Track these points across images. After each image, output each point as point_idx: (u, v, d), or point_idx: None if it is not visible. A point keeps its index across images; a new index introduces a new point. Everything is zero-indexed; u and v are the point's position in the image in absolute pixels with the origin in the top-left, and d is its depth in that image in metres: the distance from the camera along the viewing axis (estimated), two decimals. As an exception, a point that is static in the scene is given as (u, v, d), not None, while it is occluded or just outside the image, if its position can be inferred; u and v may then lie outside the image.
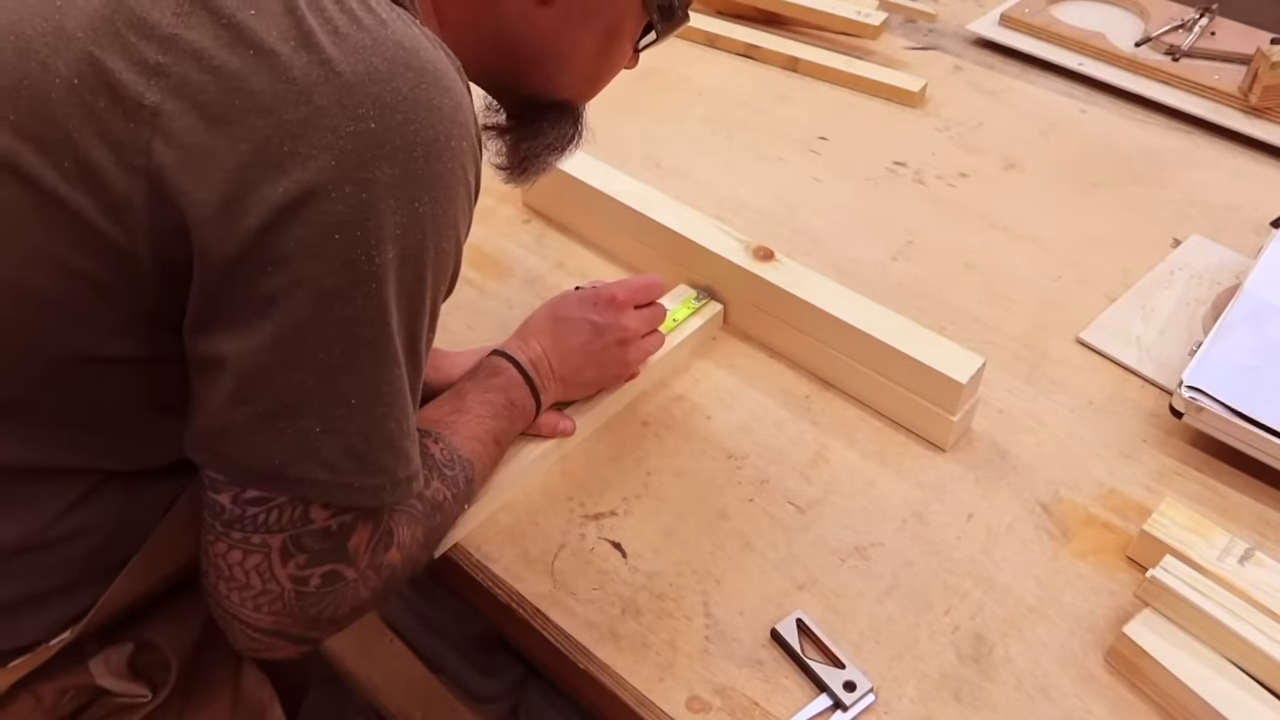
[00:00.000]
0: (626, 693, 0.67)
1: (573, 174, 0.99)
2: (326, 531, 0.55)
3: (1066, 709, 0.66)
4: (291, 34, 0.49)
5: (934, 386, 0.80)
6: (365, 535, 0.57)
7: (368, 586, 0.58)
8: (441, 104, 0.51)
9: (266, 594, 0.55)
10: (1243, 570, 0.69)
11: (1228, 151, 1.19)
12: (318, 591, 0.56)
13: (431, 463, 0.65)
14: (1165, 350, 0.92)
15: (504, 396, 0.74)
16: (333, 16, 0.50)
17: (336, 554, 0.56)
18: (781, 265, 0.89)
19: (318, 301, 0.50)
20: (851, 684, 0.66)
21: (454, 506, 0.66)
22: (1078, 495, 0.80)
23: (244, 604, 0.55)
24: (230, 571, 0.54)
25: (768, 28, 1.39)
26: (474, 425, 0.71)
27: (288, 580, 0.55)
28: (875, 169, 1.16)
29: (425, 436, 0.67)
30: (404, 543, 0.60)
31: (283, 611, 0.55)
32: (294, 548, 0.54)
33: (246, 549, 0.54)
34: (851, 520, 0.77)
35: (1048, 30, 1.36)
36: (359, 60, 0.49)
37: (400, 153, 0.50)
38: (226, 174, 0.48)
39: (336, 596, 0.56)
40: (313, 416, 0.52)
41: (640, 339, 0.82)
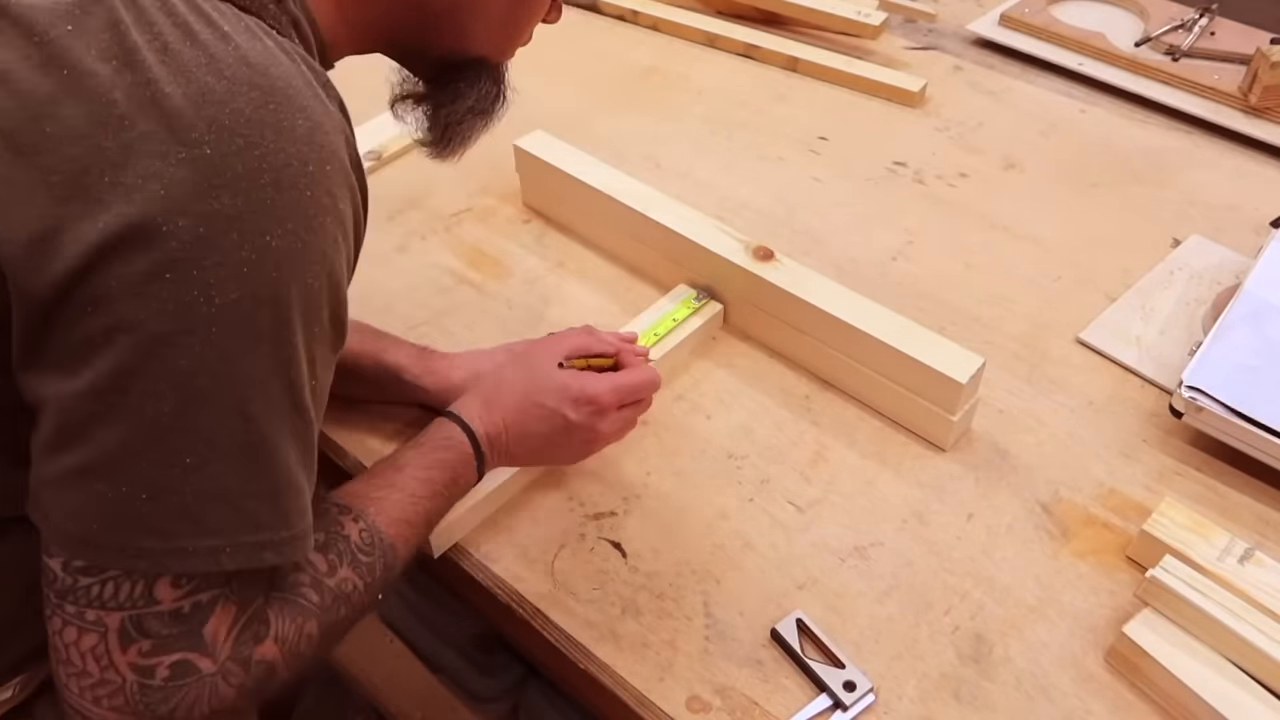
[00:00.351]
0: (626, 693, 0.67)
1: (573, 174, 0.99)
2: (176, 614, 0.48)
3: (1066, 709, 0.66)
4: (113, 52, 0.44)
5: (934, 386, 0.80)
6: (226, 619, 0.49)
7: (231, 683, 0.50)
8: (294, 125, 0.46)
9: (105, 684, 0.47)
10: (1243, 570, 0.69)
11: (1228, 151, 1.19)
12: (165, 685, 0.48)
13: (346, 546, 0.58)
14: (1165, 350, 0.92)
15: (449, 474, 0.67)
16: (163, 32, 0.45)
17: (188, 640, 0.48)
18: (781, 265, 0.89)
19: (144, 349, 0.44)
20: (851, 684, 0.66)
21: (364, 596, 0.58)
22: (1078, 495, 0.80)
23: (83, 694, 0.48)
24: (66, 653, 0.48)
25: (768, 28, 1.39)
26: (407, 505, 0.63)
27: (128, 669, 0.47)
28: (875, 169, 1.16)
29: (345, 514, 0.60)
30: (285, 637, 0.53)
31: (125, 708, 0.48)
32: (135, 630, 0.47)
33: (81, 627, 0.47)
34: (851, 520, 0.77)
35: (1048, 30, 1.36)
36: (190, 80, 0.44)
37: (243, 180, 0.44)
38: (38, 209, 0.43)
39: (189, 693, 0.49)
40: (138, 478, 0.46)
41: (615, 435, 0.76)
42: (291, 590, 0.55)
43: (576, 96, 1.26)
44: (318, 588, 0.56)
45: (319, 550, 0.57)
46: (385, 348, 0.81)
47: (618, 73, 1.33)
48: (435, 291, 0.97)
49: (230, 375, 0.46)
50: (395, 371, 0.79)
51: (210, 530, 0.48)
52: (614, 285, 0.99)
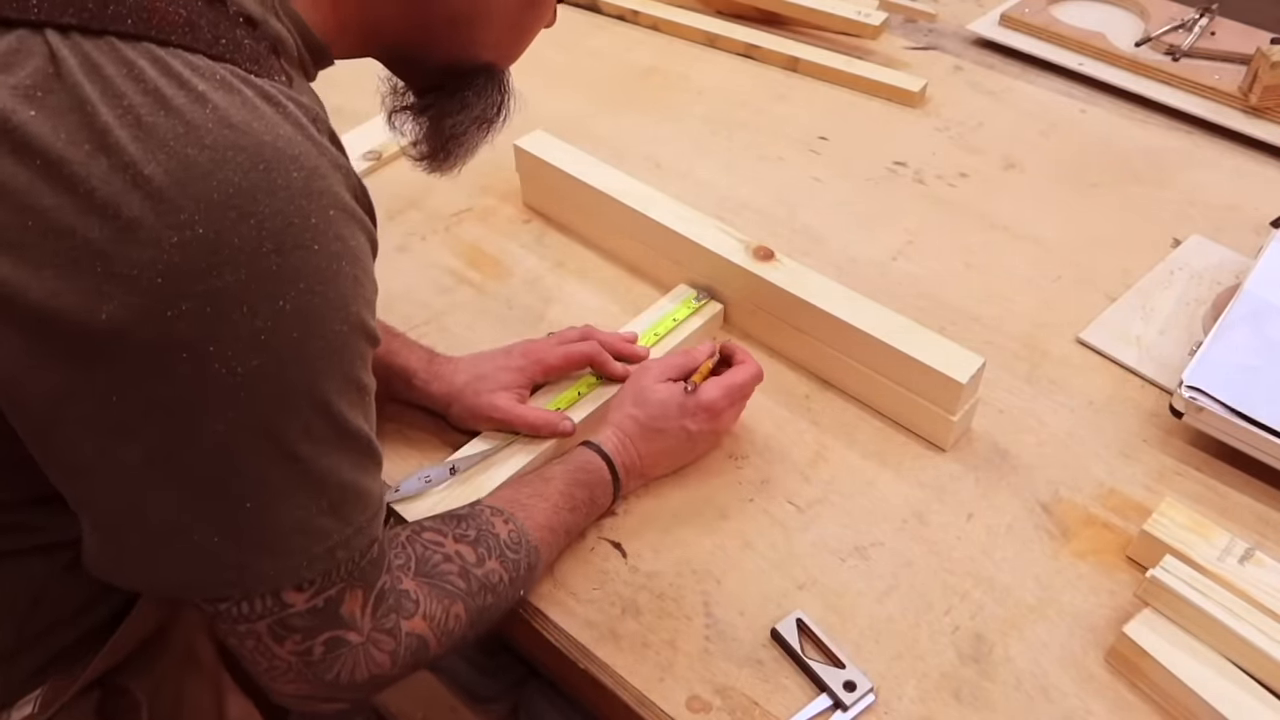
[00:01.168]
0: (626, 692, 0.67)
1: (573, 174, 0.99)
2: (312, 610, 0.52)
3: (1066, 709, 0.66)
4: (82, 135, 0.42)
5: (934, 386, 0.80)
6: (357, 601, 0.54)
7: (382, 650, 0.55)
8: (289, 181, 0.44)
9: (275, 669, 0.53)
10: (1243, 570, 0.69)
11: (1228, 151, 1.19)
12: (325, 659, 0.54)
13: (495, 542, 0.64)
14: (1165, 350, 0.92)
15: (589, 494, 0.72)
16: (134, 105, 0.42)
17: (331, 622, 0.53)
18: (781, 265, 0.89)
19: (180, 421, 0.45)
20: (851, 684, 0.66)
21: (509, 589, 0.64)
22: (1078, 495, 0.80)
23: (262, 676, 0.54)
24: (239, 651, 0.54)
25: (768, 28, 1.39)
26: (551, 515, 0.69)
27: (290, 655, 0.53)
28: (875, 169, 1.16)
29: (497, 515, 0.66)
30: (433, 615, 0.58)
31: (299, 679, 0.54)
32: (282, 630, 0.52)
33: (238, 637, 0.52)
34: (851, 520, 0.77)
35: (1048, 30, 1.36)
36: (171, 156, 0.42)
37: (243, 254, 0.43)
38: (34, 306, 0.42)
39: (347, 661, 0.54)
40: (206, 528, 0.48)
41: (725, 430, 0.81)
42: (440, 577, 0.60)
43: (576, 96, 1.26)
44: (465, 576, 0.61)
45: (469, 544, 0.63)
46: (396, 350, 0.82)
47: (618, 73, 1.33)
48: (435, 291, 0.97)
49: (269, 428, 0.47)
50: (406, 375, 0.81)
51: (286, 552, 0.50)
52: (614, 285, 0.99)
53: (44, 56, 0.43)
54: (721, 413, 0.78)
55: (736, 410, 0.81)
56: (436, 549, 0.61)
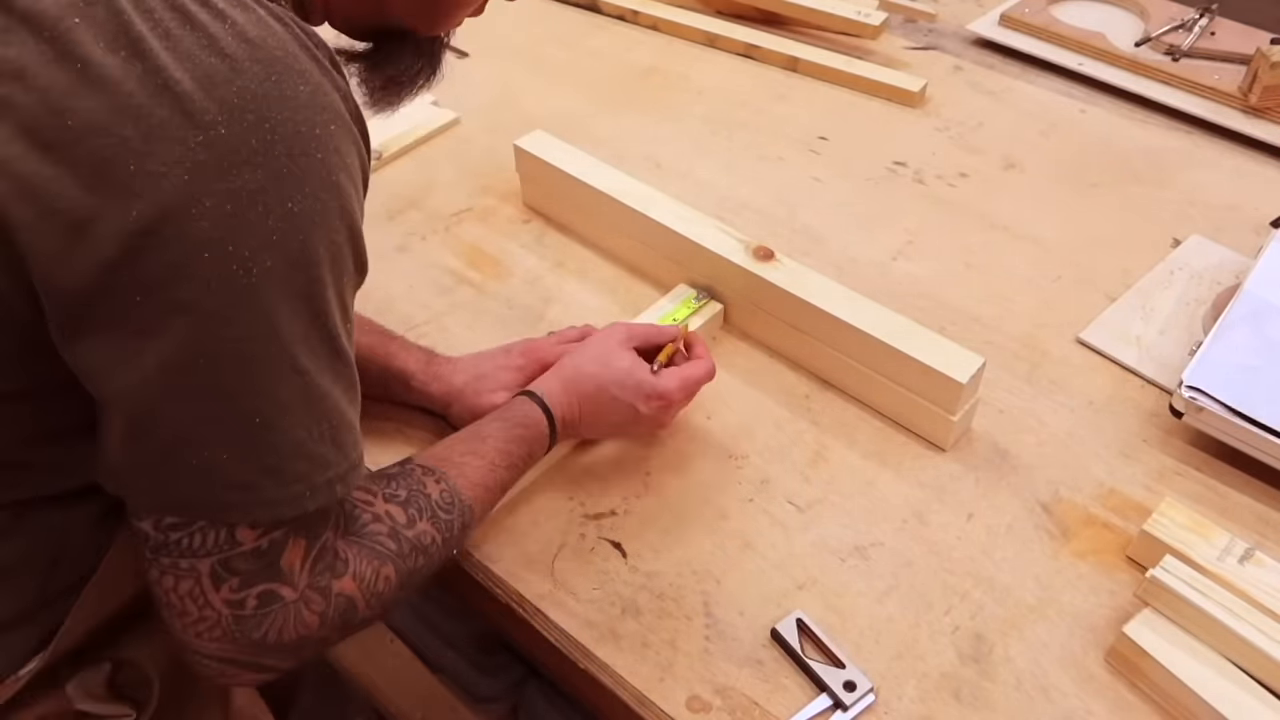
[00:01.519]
0: (626, 692, 0.67)
1: (573, 174, 0.99)
2: (256, 551, 0.53)
3: (1066, 709, 0.66)
4: (120, 42, 0.45)
5: (934, 386, 0.80)
6: (299, 551, 0.54)
7: (312, 610, 0.55)
8: (297, 93, 0.48)
9: (204, 620, 0.53)
10: (1243, 570, 0.69)
11: (1228, 151, 1.19)
12: (255, 614, 0.53)
13: (426, 503, 0.63)
14: (1165, 350, 0.92)
15: (525, 449, 0.72)
16: (162, 19, 0.46)
17: (269, 573, 0.53)
18: (781, 265, 0.89)
19: (198, 326, 0.47)
20: (851, 684, 0.66)
21: (441, 550, 0.64)
22: (1078, 495, 0.80)
23: (186, 631, 0.53)
24: (168, 598, 0.53)
25: (768, 28, 1.39)
26: (485, 472, 0.68)
27: (223, 605, 0.52)
28: (875, 169, 1.16)
29: (428, 474, 0.65)
30: (362, 575, 0.57)
31: (224, 638, 0.53)
32: (224, 570, 0.52)
33: (177, 574, 0.52)
34: (851, 520, 0.77)
35: (1048, 30, 1.36)
36: (196, 64, 0.46)
37: (259, 154, 0.46)
38: (67, 201, 0.45)
39: (277, 619, 0.54)
40: (217, 444, 0.49)
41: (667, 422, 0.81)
42: (370, 538, 0.59)
43: (576, 96, 1.26)
44: (395, 537, 0.60)
45: (399, 505, 0.62)
46: (394, 352, 0.82)
47: (618, 73, 1.33)
48: (435, 291, 0.97)
49: (279, 336, 0.49)
50: (404, 377, 0.81)
51: (292, 478, 0.51)
52: (614, 285, 0.99)
53: None
54: (673, 404, 0.78)
55: (683, 405, 0.81)
56: (366, 508, 0.60)
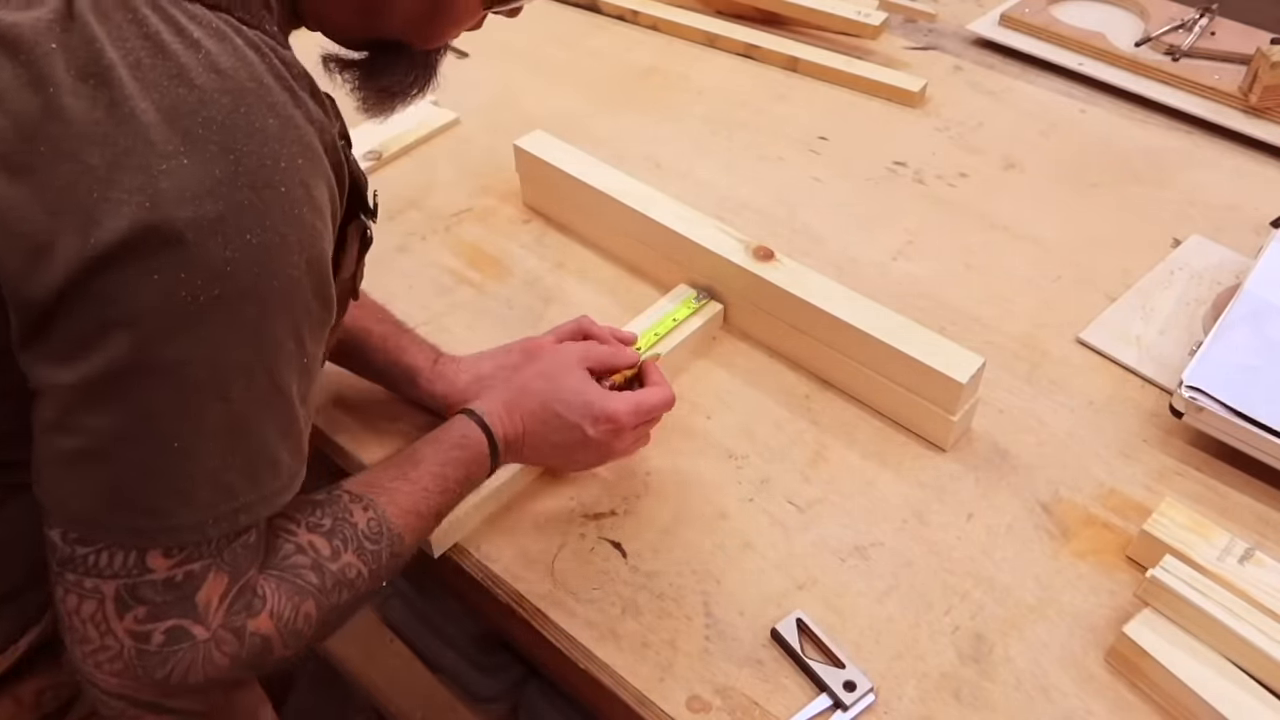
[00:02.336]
0: (626, 692, 0.67)
1: (573, 174, 0.99)
2: (169, 582, 0.50)
3: (1066, 709, 0.66)
4: (91, 70, 0.46)
5: (934, 386, 0.80)
6: (218, 587, 0.52)
7: (225, 651, 0.52)
8: (266, 125, 0.48)
9: (105, 649, 0.50)
10: (1243, 570, 0.69)
11: (1228, 151, 1.19)
12: (161, 650, 0.51)
13: (352, 533, 0.60)
14: (1165, 350, 0.92)
15: (462, 471, 0.68)
16: (134, 48, 0.47)
17: (180, 607, 0.51)
18: (781, 265, 0.89)
19: (136, 345, 0.47)
20: (851, 684, 0.66)
21: (368, 583, 0.60)
22: (1078, 495, 0.80)
23: (85, 659, 0.51)
24: (70, 620, 0.51)
25: (768, 28, 1.39)
26: (418, 498, 0.65)
27: (126, 635, 0.50)
28: (875, 169, 1.16)
29: (355, 501, 0.62)
30: (280, 613, 0.55)
31: (124, 672, 0.51)
32: (130, 598, 0.50)
33: (80, 594, 0.50)
34: (851, 520, 0.77)
35: (1048, 30, 1.36)
36: (163, 94, 0.46)
37: (222, 185, 0.47)
38: (32, 224, 0.45)
39: (184, 658, 0.51)
40: (131, 462, 0.49)
41: (624, 452, 0.77)
42: (290, 571, 0.56)
43: (576, 96, 1.26)
44: (318, 570, 0.57)
45: (323, 535, 0.59)
46: (404, 346, 0.81)
47: (618, 73, 1.33)
48: (435, 291, 0.97)
49: (216, 365, 0.49)
50: (411, 374, 0.81)
51: (198, 505, 0.50)
52: (614, 285, 0.99)
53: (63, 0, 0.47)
54: (623, 430, 0.73)
55: (638, 436, 0.77)
56: (288, 538, 0.57)
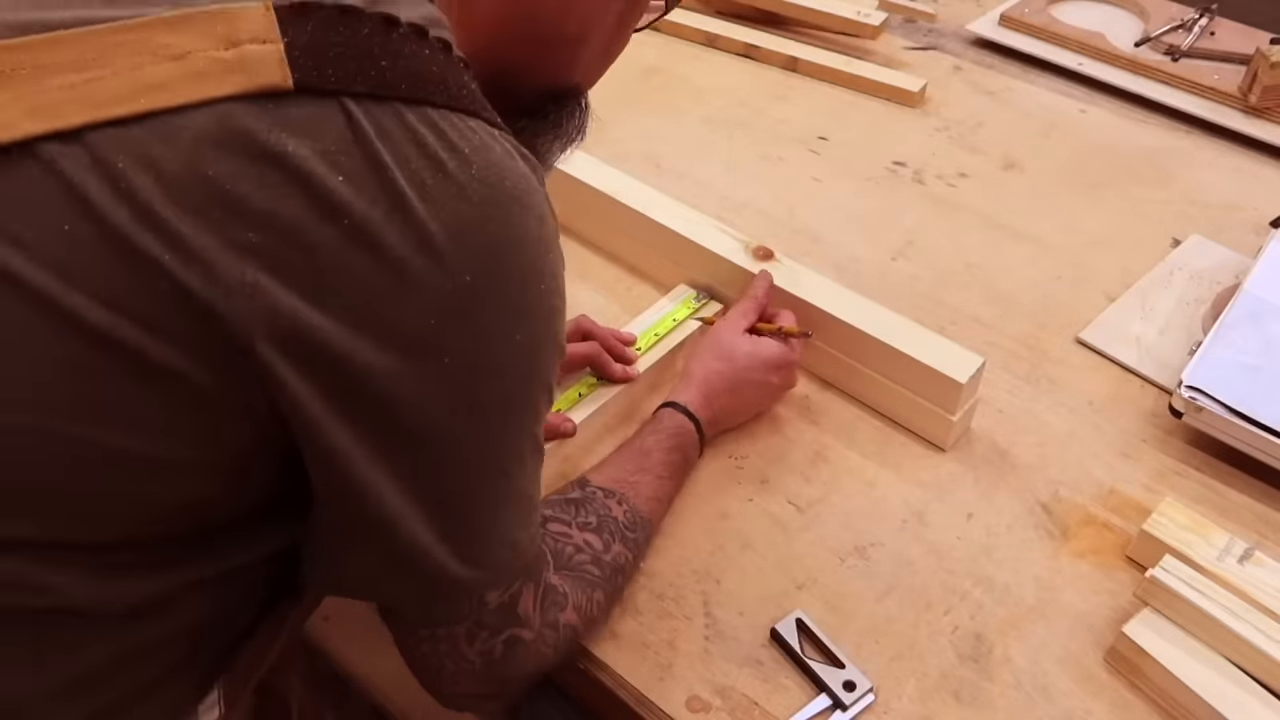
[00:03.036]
0: (626, 692, 0.67)
1: (573, 174, 0.99)
2: (500, 607, 0.58)
3: (1066, 709, 0.66)
4: (380, 198, 0.46)
5: (934, 386, 0.80)
6: (530, 597, 0.59)
7: (548, 644, 0.61)
8: (528, 229, 0.50)
9: (461, 671, 0.58)
10: (1242, 570, 0.69)
11: (1227, 151, 1.19)
12: (504, 658, 0.59)
13: (615, 526, 0.68)
14: (1165, 350, 0.92)
15: (683, 457, 0.76)
16: (418, 170, 0.47)
17: (511, 620, 0.58)
18: (781, 265, 0.89)
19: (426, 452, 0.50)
20: (851, 684, 0.66)
21: (633, 565, 0.70)
22: (1077, 495, 0.80)
23: (443, 683, 0.59)
24: (425, 662, 0.58)
25: (768, 28, 1.39)
26: (655, 485, 0.73)
27: (476, 656, 0.58)
28: (875, 169, 1.16)
29: (610, 497, 0.70)
30: (580, 604, 0.63)
31: (477, 681, 0.59)
32: (477, 628, 0.57)
33: (434, 642, 0.57)
34: (851, 520, 0.77)
35: (1048, 30, 1.36)
36: (451, 215, 0.47)
37: (497, 293, 0.49)
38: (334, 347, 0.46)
39: (520, 657, 0.59)
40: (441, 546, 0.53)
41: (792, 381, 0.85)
42: (579, 568, 0.64)
43: (576, 96, 1.26)
44: (598, 563, 0.66)
45: (593, 532, 0.67)
46: None
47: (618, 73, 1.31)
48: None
49: (494, 450, 0.53)
50: None
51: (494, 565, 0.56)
52: (614, 285, 0.99)
53: (343, 124, 0.46)
54: (794, 363, 0.83)
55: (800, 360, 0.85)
56: (566, 541, 0.65)
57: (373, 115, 0.47)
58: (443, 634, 0.57)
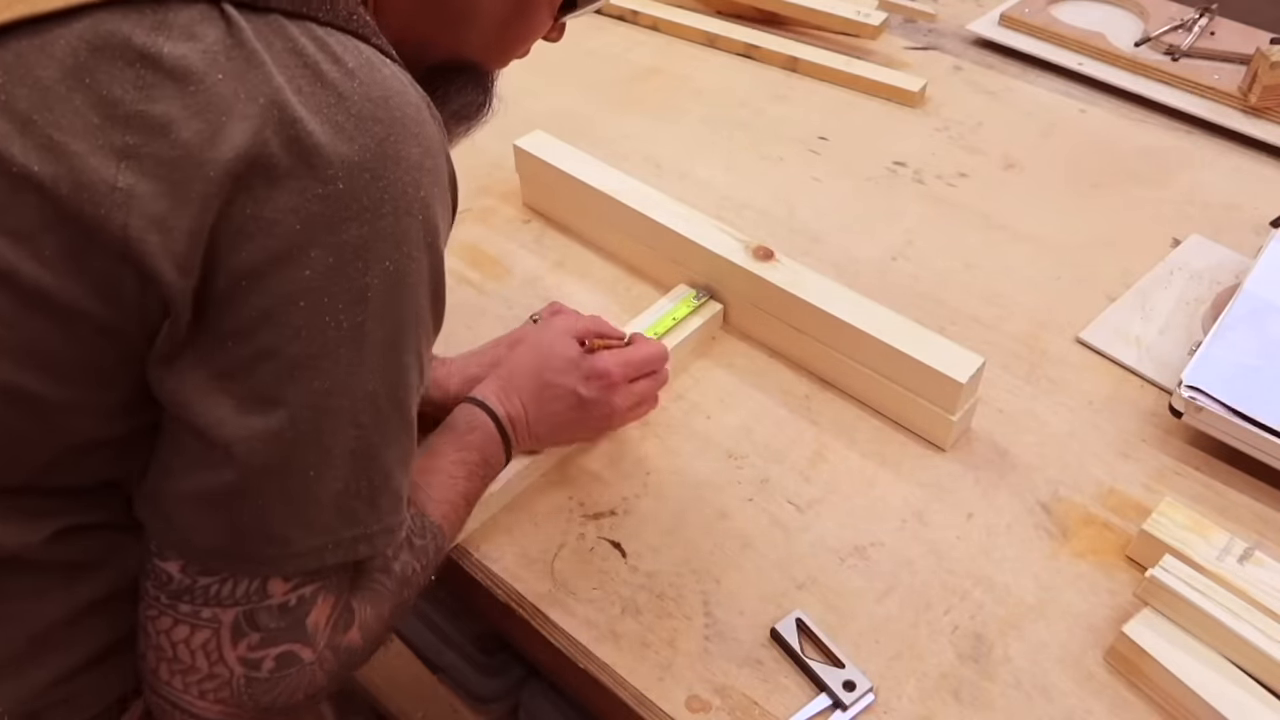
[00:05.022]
0: (626, 692, 0.67)
1: (573, 174, 0.99)
2: (284, 607, 0.51)
3: (1066, 708, 0.66)
4: (260, 92, 0.46)
5: (934, 386, 0.80)
6: (326, 611, 0.53)
7: (324, 670, 0.54)
8: (410, 154, 0.49)
9: (213, 678, 0.51)
10: (1242, 570, 0.69)
11: (1227, 151, 1.19)
12: (271, 677, 0.52)
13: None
14: (1165, 350, 0.92)
15: (479, 455, 0.70)
16: (297, 76, 0.47)
17: (293, 632, 0.52)
18: (781, 265, 0.89)
19: (284, 374, 0.48)
20: (851, 683, 0.66)
21: (422, 576, 0.62)
22: (1077, 495, 0.80)
23: (187, 690, 0.51)
24: (174, 651, 0.51)
25: (768, 28, 1.39)
26: (446, 487, 0.67)
27: (237, 663, 0.51)
28: (875, 169, 1.16)
29: None
30: (366, 622, 0.56)
31: (230, 700, 0.51)
32: (247, 625, 0.51)
33: (194, 624, 0.50)
34: (851, 520, 0.77)
35: (1047, 30, 1.36)
36: (327, 121, 0.47)
37: (368, 212, 0.47)
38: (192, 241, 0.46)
39: (291, 682, 0.52)
40: (271, 494, 0.49)
41: (631, 410, 0.79)
42: (369, 579, 0.58)
43: (576, 97, 1.26)
44: (387, 574, 0.59)
45: None
46: None
47: (618, 73, 1.33)
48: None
49: (352, 391, 0.50)
50: None
51: (319, 530, 0.51)
52: (614, 285, 0.99)
53: (223, 28, 0.47)
54: (616, 385, 0.75)
55: (637, 392, 0.78)
56: None
57: (253, 22, 0.47)
58: (207, 615, 0.50)
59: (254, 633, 0.51)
